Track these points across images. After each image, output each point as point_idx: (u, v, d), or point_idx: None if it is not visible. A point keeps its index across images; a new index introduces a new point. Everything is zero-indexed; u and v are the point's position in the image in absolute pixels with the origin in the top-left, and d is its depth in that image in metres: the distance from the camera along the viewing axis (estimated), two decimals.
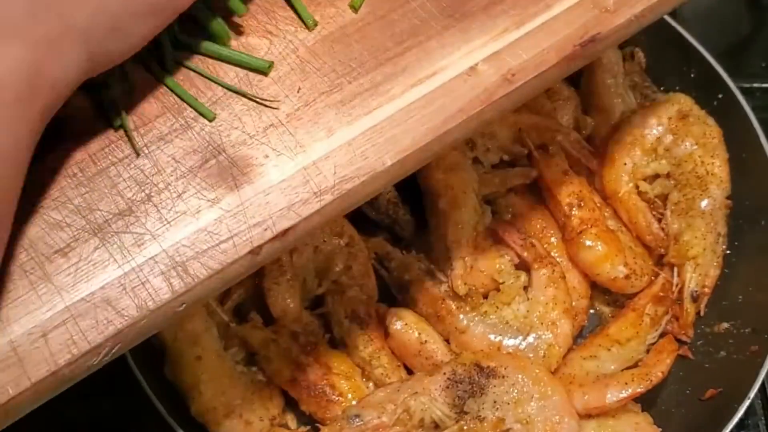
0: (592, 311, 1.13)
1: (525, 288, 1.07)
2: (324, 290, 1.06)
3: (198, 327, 0.98)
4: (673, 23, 1.21)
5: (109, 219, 0.67)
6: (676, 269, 1.11)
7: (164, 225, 0.67)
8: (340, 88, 0.74)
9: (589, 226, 1.09)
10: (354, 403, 0.97)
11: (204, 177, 0.69)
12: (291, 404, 1.02)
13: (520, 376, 0.96)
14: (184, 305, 0.66)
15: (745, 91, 1.18)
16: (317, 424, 1.00)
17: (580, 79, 1.24)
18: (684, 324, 1.09)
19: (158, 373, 0.97)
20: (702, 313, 1.10)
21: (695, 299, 1.09)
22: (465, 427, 0.93)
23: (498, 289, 1.07)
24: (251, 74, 0.75)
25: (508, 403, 0.94)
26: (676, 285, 1.10)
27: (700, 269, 1.10)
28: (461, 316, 1.04)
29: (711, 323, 1.10)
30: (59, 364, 0.62)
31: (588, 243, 1.09)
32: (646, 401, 1.04)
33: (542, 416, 0.95)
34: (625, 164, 1.15)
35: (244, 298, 1.05)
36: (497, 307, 1.05)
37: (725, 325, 1.09)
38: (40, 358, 0.62)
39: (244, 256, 0.67)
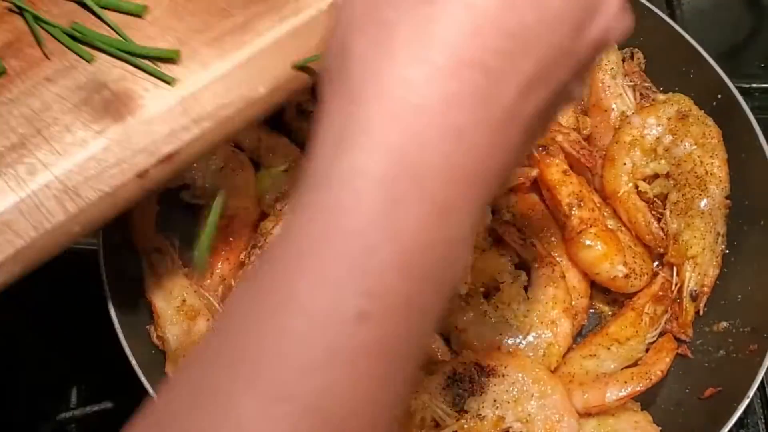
0: (591, 310, 1.13)
1: (525, 287, 1.07)
2: None
3: (201, 327, 0.98)
4: (673, 23, 1.21)
5: (2, 152, 0.72)
6: (675, 269, 1.11)
7: (55, 155, 0.72)
8: (213, 27, 0.80)
9: (589, 225, 1.09)
10: None
11: (89, 111, 0.75)
12: None
13: (520, 375, 0.96)
14: (80, 226, 0.71)
15: (744, 92, 1.18)
16: None
17: None
18: (683, 323, 1.09)
19: (159, 374, 0.98)
20: (701, 312, 1.10)
21: (694, 298, 1.09)
22: (465, 426, 0.94)
23: (498, 289, 1.07)
24: (129, 18, 0.80)
25: (508, 402, 0.95)
26: (676, 284, 1.10)
27: (700, 269, 1.10)
28: (461, 315, 1.04)
29: (710, 322, 1.10)
30: None
31: (587, 242, 1.09)
32: (646, 400, 1.04)
33: (542, 415, 0.95)
34: (625, 164, 1.15)
35: None
36: (497, 307, 1.05)
37: (724, 324, 1.09)
38: None
39: (131, 179, 0.73)
